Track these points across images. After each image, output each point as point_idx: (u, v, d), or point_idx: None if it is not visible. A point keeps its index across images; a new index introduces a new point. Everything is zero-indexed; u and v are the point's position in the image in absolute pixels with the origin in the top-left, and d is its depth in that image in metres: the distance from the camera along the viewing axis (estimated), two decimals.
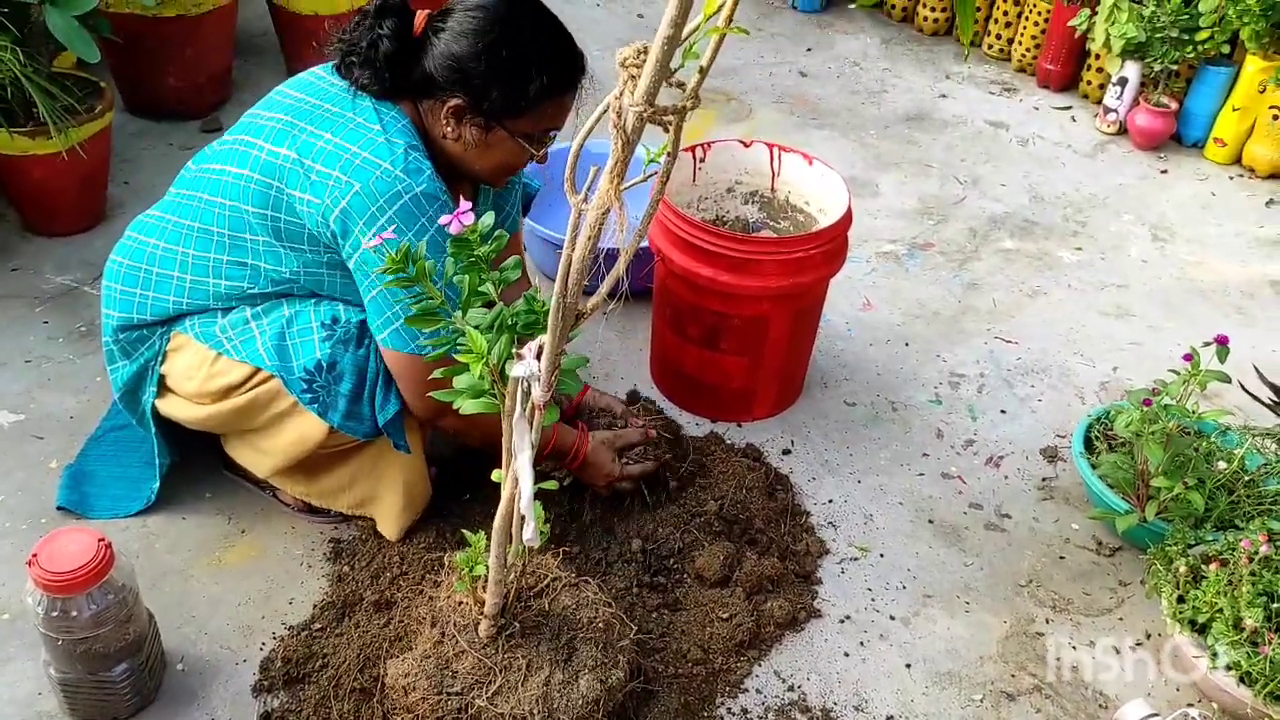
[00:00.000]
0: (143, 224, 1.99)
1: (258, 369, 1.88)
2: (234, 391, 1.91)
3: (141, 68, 3.23)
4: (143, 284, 1.94)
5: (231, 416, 1.94)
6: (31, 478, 2.16)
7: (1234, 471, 2.09)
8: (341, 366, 1.84)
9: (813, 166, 2.44)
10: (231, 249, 1.87)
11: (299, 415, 1.90)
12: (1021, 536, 2.25)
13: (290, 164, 1.79)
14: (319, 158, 1.77)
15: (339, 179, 1.74)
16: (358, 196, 1.74)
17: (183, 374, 1.95)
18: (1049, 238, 3.20)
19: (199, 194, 1.90)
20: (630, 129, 1.02)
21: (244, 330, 1.89)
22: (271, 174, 1.80)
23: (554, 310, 1.19)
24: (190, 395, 1.96)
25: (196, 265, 1.90)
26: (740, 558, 2.06)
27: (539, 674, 1.58)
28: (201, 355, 1.92)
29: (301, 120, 1.82)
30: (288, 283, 1.88)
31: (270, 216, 1.82)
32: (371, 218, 1.74)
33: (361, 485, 2.03)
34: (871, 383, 2.62)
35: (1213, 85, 3.58)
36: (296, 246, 1.84)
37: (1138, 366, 2.72)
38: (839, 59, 4.11)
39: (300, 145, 1.79)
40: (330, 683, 1.81)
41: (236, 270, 1.88)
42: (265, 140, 1.83)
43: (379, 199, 1.73)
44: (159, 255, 1.93)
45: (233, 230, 1.86)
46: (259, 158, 1.82)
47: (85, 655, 1.68)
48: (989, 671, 1.98)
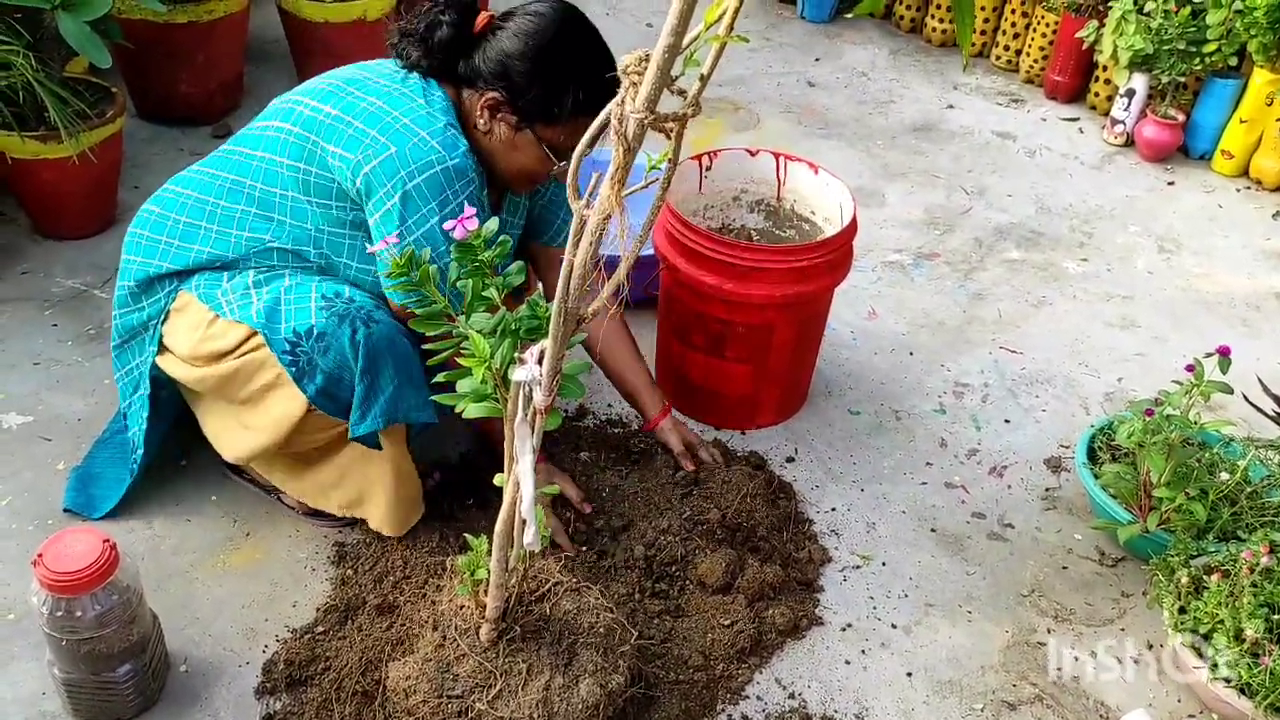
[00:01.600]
0: (181, 177, 2.05)
1: (247, 337, 1.90)
2: (224, 357, 1.93)
3: (153, 74, 3.25)
4: (169, 231, 1.98)
5: (218, 383, 1.95)
6: (39, 479, 2.17)
7: (1237, 483, 2.09)
8: (330, 339, 1.83)
9: (818, 176, 2.45)
10: (260, 202, 1.93)
11: (280, 389, 1.91)
12: (1024, 546, 2.25)
13: (331, 120, 1.86)
14: (360, 116, 1.84)
15: (375, 138, 1.81)
16: (390, 159, 1.80)
17: (181, 333, 1.98)
18: (1055, 248, 3.20)
19: (238, 148, 1.98)
20: (632, 136, 1.03)
21: (244, 295, 1.92)
22: (311, 128, 1.87)
23: (555, 315, 1.20)
24: (184, 356, 1.98)
25: (224, 216, 1.95)
26: (742, 565, 2.07)
27: (539, 678, 1.59)
28: (200, 316, 1.95)
29: (351, 85, 1.91)
30: (308, 241, 1.93)
31: (302, 169, 1.88)
32: (400, 181, 1.79)
33: (350, 483, 2.03)
34: (875, 392, 2.62)
35: (1220, 97, 3.58)
36: (323, 203, 1.89)
37: (1143, 377, 2.71)
38: (847, 69, 4.12)
39: (345, 105, 1.86)
40: (332, 685, 1.81)
41: (261, 223, 1.93)
42: (311, 99, 1.91)
43: (411, 164, 1.79)
44: (189, 205, 1.98)
45: (265, 183, 1.92)
46: (302, 114, 1.89)
47: (89, 656, 1.69)
48: (990, 681, 1.98)
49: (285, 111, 1.93)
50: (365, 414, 1.87)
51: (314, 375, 1.86)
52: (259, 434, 1.98)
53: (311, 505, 2.10)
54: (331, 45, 3.33)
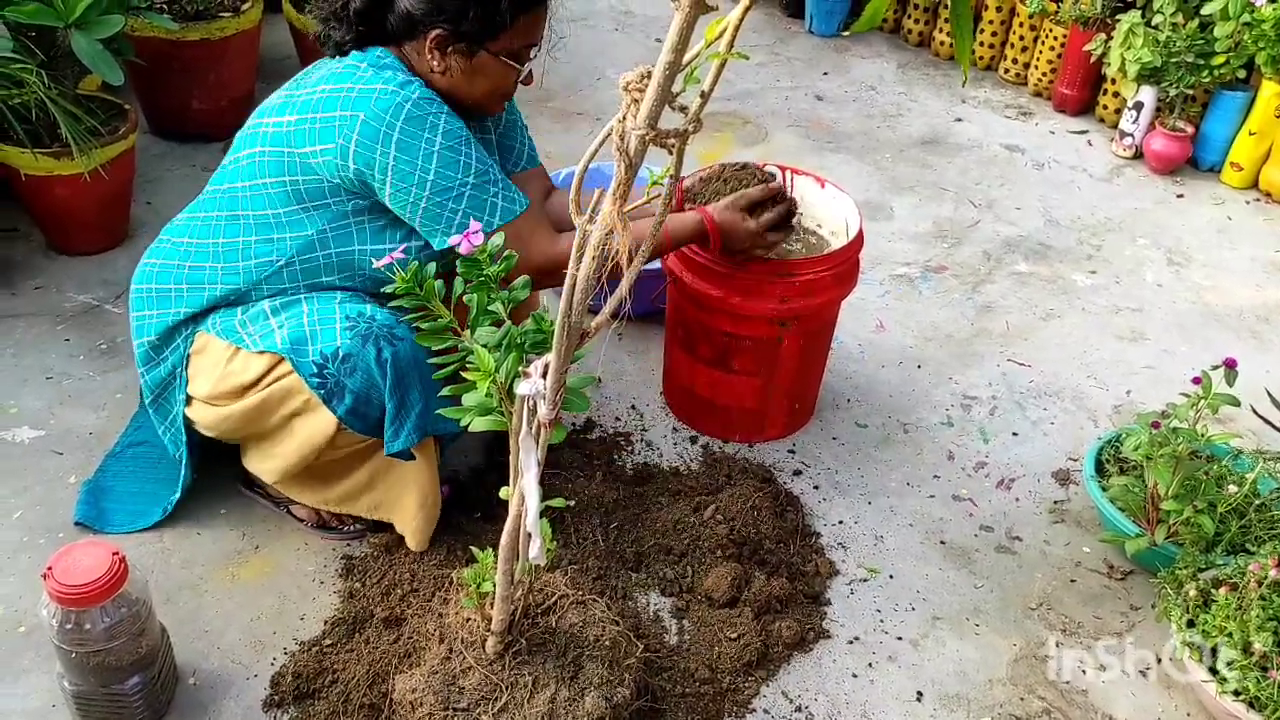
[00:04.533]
0: (173, 227, 2.06)
1: (271, 367, 1.91)
2: (247, 391, 1.95)
3: (165, 91, 3.28)
4: (175, 278, 2.00)
5: (243, 420, 1.97)
6: (50, 493, 2.19)
7: (1245, 496, 2.08)
8: (356, 360, 1.85)
9: (825, 189, 2.46)
10: (259, 228, 1.94)
11: (308, 415, 1.93)
12: (1032, 559, 2.25)
13: (293, 126, 1.86)
14: (318, 108, 1.84)
15: (342, 116, 1.81)
16: (365, 124, 1.80)
17: (202, 375, 1.99)
18: (1063, 261, 3.20)
19: (220, 186, 1.99)
20: (633, 151, 1.04)
21: (263, 325, 1.93)
22: (280, 142, 1.88)
23: (559, 329, 1.21)
24: (207, 397, 1.99)
25: (228, 251, 1.96)
26: (749, 578, 2.07)
27: (545, 691, 1.59)
28: (219, 354, 1.96)
29: (293, 88, 1.93)
30: (315, 246, 1.93)
31: (288, 182, 1.89)
32: (385, 136, 1.80)
33: (380, 487, 2.05)
34: (883, 404, 2.62)
35: (1229, 110, 3.58)
36: (319, 204, 1.90)
37: (1151, 390, 2.71)
38: (855, 83, 4.13)
39: (298, 106, 1.87)
40: (340, 698, 1.82)
41: (265, 246, 1.95)
42: (268, 117, 1.92)
43: (385, 116, 1.80)
44: (193, 250, 1.99)
45: (256, 209, 1.93)
46: (266, 133, 1.91)
47: (98, 668, 1.70)
48: (998, 694, 1.97)
49: (250, 138, 1.94)
50: (399, 431, 1.89)
51: (343, 396, 1.88)
52: (288, 458, 2.00)
53: (339, 511, 2.12)
54: None
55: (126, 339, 2.57)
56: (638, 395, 2.58)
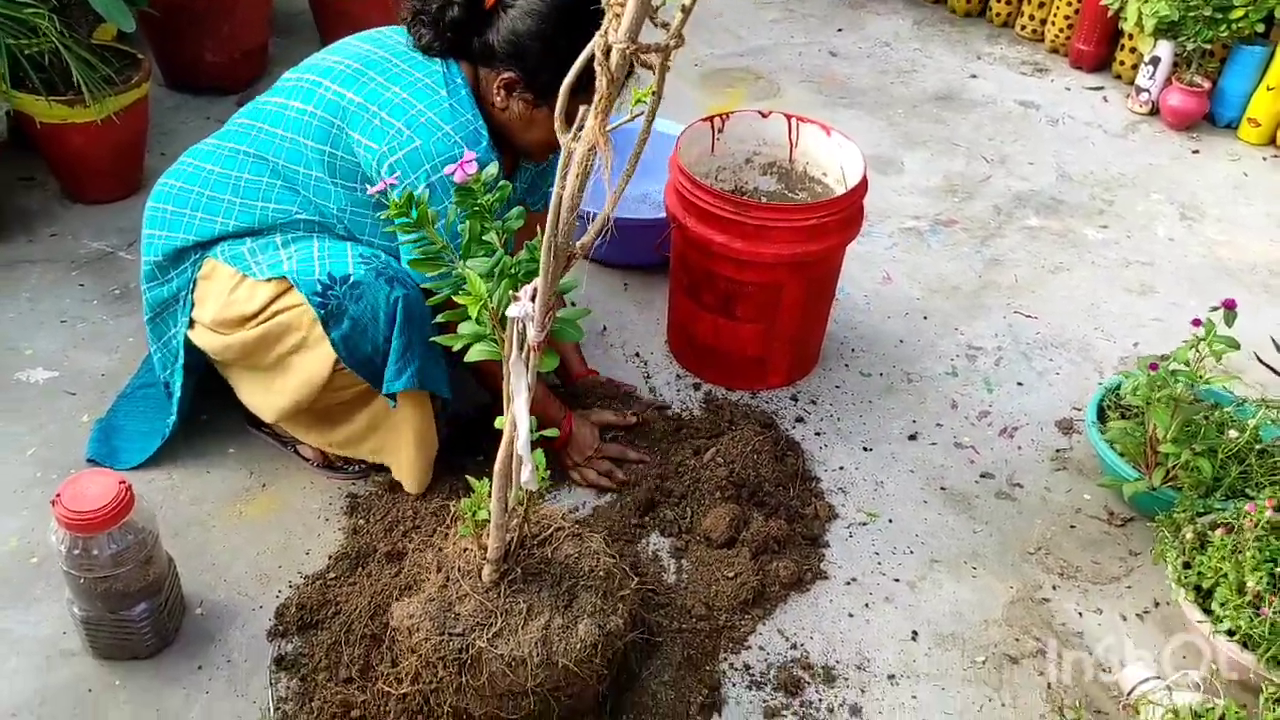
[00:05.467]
0: (198, 151, 2.08)
1: (274, 297, 1.94)
2: (248, 321, 1.98)
3: (179, 43, 3.30)
4: (192, 204, 2.02)
5: (243, 351, 2.00)
6: (63, 431, 2.23)
7: (1247, 442, 2.08)
8: (364, 290, 1.87)
9: (830, 137, 2.46)
10: (285, 177, 1.97)
11: (306, 352, 1.95)
12: (1032, 505, 2.26)
13: (355, 107, 1.88)
14: (385, 107, 1.86)
15: (401, 130, 1.84)
16: (415, 152, 1.83)
17: (208, 300, 2.02)
18: (1075, 216, 3.18)
19: (258, 123, 2.00)
20: (615, 66, 1.05)
21: (273, 255, 1.96)
22: (335, 113, 1.90)
23: (544, 250, 1.23)
24: (209, 323, 2.02)
25: (248, 188, 1.99)
26: (747, 519, 2.09)
27: (539, 618, 1.62)
28: (225, 281, 1.99)
29: (371, 70, 1.92)
30: (332, 218, 1.97)
31: (328, 153, 1.91)
32: (424, 174, 1.84)
33: (380, 433, 2.08)
34: (888, 354, 2.63)
35: (1247, 65, 3.54)
36: (347, 185, 1.93)
37: (1160, 342, 2.70)
38: (869, 39, 4.10)
39: (368, 93, 1.89)
40: (342, 629, 1.86)
41: (288, 195, 1.97)
42: (332, 81, 1.92)
43: (435, 159, 1.83)
44: (213, 179, 2.02)
45: (289, 161, 1.95)
46: (324, 96, 1.92)
47: (106, 594, 1.74)
48: (993, 635, 1.99)
49: (306, 93, 1.94)
50: (400, 373, 1.92)
51: (340, 321, 1.89)
52: (288, 395, 2.03)
53: (341, 454, 2.15)
54: (354, 15, 3.36)
55: (139, 284, 2.60)
56: (642, 344, 2.60)
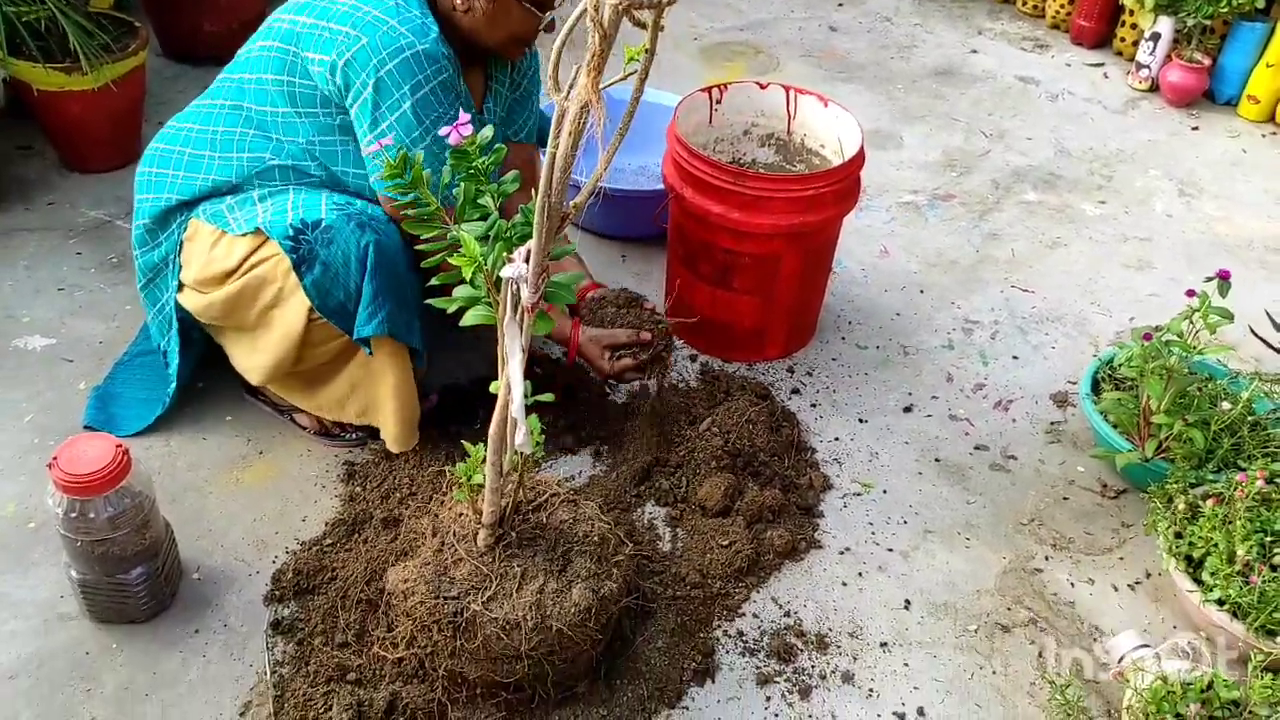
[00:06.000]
0: (183, 114, 2.10)
1: (251, 251, 1.94)
2: (228, 278, 1.98)
3: (176, 13, 3.29)
4: (175, 164, 2.03)
5: (225, 307, 2.00)
6: (61, 398, 2.24)
7: (1240, 414, 2.09)
8: (335, 234, 1.87)
9: (828, 109, 2.45)
10: (257, 123, 1.97)
11: (281, 306, 1.96)
12: (1026, 477, 2.27)
13: (307, 28, 1.89)
14: (334, 17, 1.87)
15: (348, 33, 1.84)
16: (363, 49, 1.83)
17: (192, 261, 2.03)
18: (1073, 191, 3.18)
19: (233, 76, 2.01)
20: (607, 23, 1.05)
21: (249, 210, 1.97)
22: (290, 40, 1.90)
23: (538, 210, 1.23)
24: (194, 283, 2.03)
25: (224, 141, 2.00)
26: (742, 489, 2.10)
27: (533, 582, 1.63)
28: (206, 239, 2.00)
29: None
30: (305, 155, 1.97)
31: (286, 82, 1.92)
32: (372, 70, 1.83)
33: (361, 392, 2.08)
34: (885, 327, 2.63)
35: (1247, 42, 3.53)
36: (310, 112, 1.93)
37: (1156, 317, 2.70)
38: (870, 14, 4.09)
39: (320, 11, 1.89)
40: (338, 594, 1.87)
41: (260, 142, 1.98)
42: (288, 12, 1.94)
43: (382, 51, 1.83)
44: (194, 136, 2.03)
45: (256, 103, 1.96)
46: (280, 28, 1.93)
47: (103, 557, 1.75)
48: (985, 604, 2.00)
49: (266, 30, 1.97)
50: (372, 316, 1.91)
51: (312, 265, 1.89)
52: (270, 352, 2.02)
53: (330, 418, 2.15)
54: None
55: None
56: None
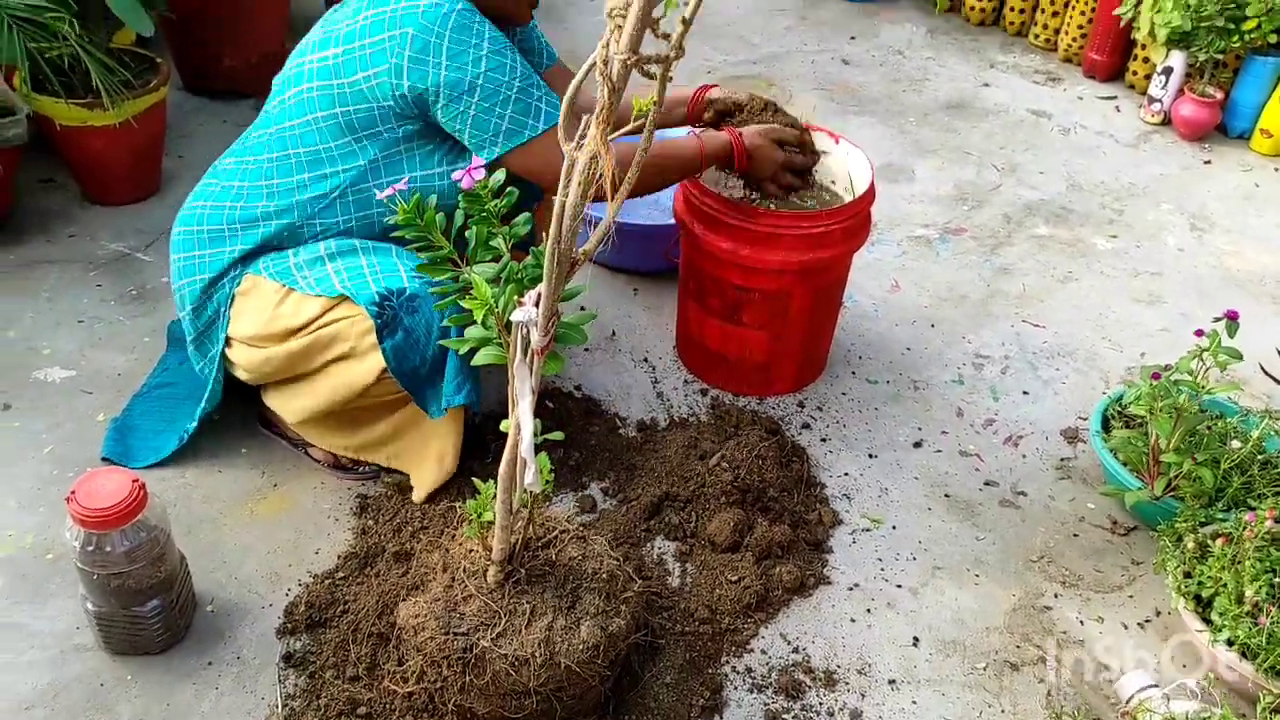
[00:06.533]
0: (220, 172, 2.11)
1: (324, 311, 1.96)
2: (294, 335, 2.00)
3: (198, 47, 3.35)
4: (229, 218, 2.05)
5: (286, 362, 2.02)
6: (80, 429, 2.27)
7: (1250, 453, 2.09)
8: (420, 303, 1.91)
9: (839, 145, 2.47)
10: (310, 164, 2.00)
11: (350, 361, 1.98)
12: (1036, 514, 2.27)
13: (340, 58, 1.92)
14: (364, 34, 1.90)
15: (391, 36, 1.87)
16: (415, 38, 1.86)
17: (247, 316, 2.04)
18: (1084, 225, 3.19)
19: (269, 130, 2.04)
20: (616, 76, 1.07)
21: (320, 270, 1.99)
22: (327, 75, 1.94)
23: (548, 256, 1.25)
24: (250, 338, 2.04)
25: (281, 191, 2.02)
26: (751, 524, 2.11)
27: (542, 619, 1.64)
28: (269, 296, 2.01)
29: (329, 24, 1.99)
30: (366, 176, 1.99)
31: (339, 113, 1.95)
32: (435, 46, 1.86)
33: (402, 441, 2.12)
34: (895, 362, 2.64)
35: (1260, 76, 3.54)
36: (370, 132, 1.96)
37: (1167, 352, 2.70)
38: (882, 47, 4.12)
39: (341, 38, 1.93)
40: (350, 627, 1.89)
41: (318, 183, 2.01)
42: (310, 54, 1.97)
43: (433, 27, 1.85)
44: (245, 192, 2.05)
45: (306, 145, 1.99)
46: (311, 69, 1.96)
47: (119, 590, 1.77)
48: (994, 642, 2.00)
49: (294, 78, 2.00)
50: (459, 389, 1.97)
51: (395, 331, 1.93)
52: (321, 398, 2.06)
53: (357, 457, 2.18)
54: None
55: (156, 285, 2.66)
56: (651, 349, 2.62)
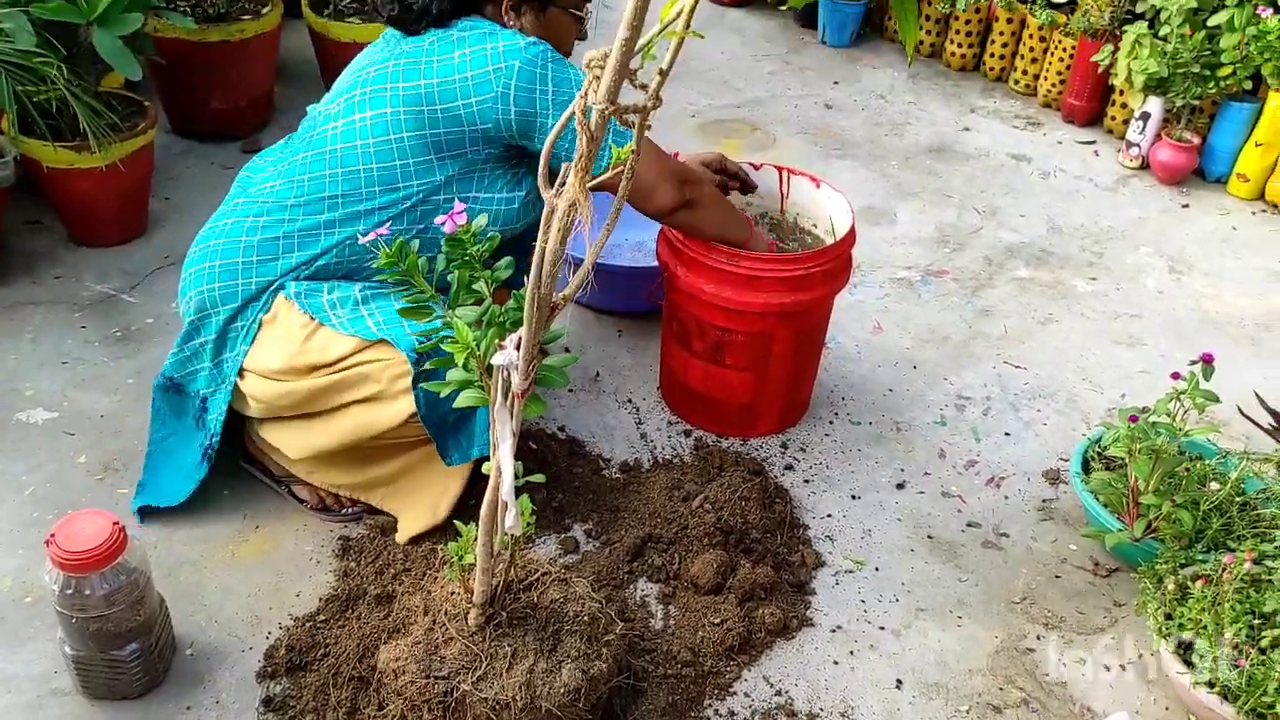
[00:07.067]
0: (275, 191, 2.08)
1: (355, 350, 1.97)
2: (320, 370, 2.00)
3: (186, 90, 3.37)
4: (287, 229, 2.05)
5: (306, 397, 2.02)
6: (61, 471, 2.26)
7: (1229, 494, 2.10)
8: None
9: (820, 189, 2.51)
10: (381, 178, 2.03)
11: (379, 402, 1.99)
12: (1018, 555, 2.27)
13: (438, 86, 1.99)
14: (465, 68, 1.98)
15: (496, 68, 1.97)
16: (522, 70, 1.97)
17: (271, 346, 2.04)
18: (1064, 267, 3.23)
19: (335, 147, 2.05)
20: (595, 126, 1.09)
21: (353, 311, 2.00)
22: (419, 102, 2.00)
23: (528, 301, 1.27)
24: (273, 371, 2.03)
25: (346, 199, 2.04)
26: (734, 566, 2.11)
27: (523, 662, 1.64)
28: (296, 328, 2.01)
29: (418, 56, 2.02)
30: (438, 191, 2.05)
31: (429, 134, 2.01)
32: (542, 76, 1.98)
33: (402, 483, 2.13)
34: (877, 403, 2.66)
35: (1235, 121, 3.59)
36: (455, 152, 2.03)
37: (1146, 394, 2.72)
38: (865, 92, 4.17)
39: (437, 69, 1.99)
40: (330, 671, 1.88)
41: (389, 193, 2.04)
42: (393, 82, 2.02)
43: (537, 60, 1.98)
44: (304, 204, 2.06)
45: (382, 162, 2.03)
46: (398, 95, 2.01)
47: (97, 634, 1.76)
48: (977, 684, 2.00)
49: (371, 102, 2.03)
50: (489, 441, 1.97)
51: (430, 378, 1.92)
52: (334, 437, 2.05)
53: (351, 496, 2.18)
54: None
55: (141, 327, 2.67)
56: (634, 390, 2.63)
